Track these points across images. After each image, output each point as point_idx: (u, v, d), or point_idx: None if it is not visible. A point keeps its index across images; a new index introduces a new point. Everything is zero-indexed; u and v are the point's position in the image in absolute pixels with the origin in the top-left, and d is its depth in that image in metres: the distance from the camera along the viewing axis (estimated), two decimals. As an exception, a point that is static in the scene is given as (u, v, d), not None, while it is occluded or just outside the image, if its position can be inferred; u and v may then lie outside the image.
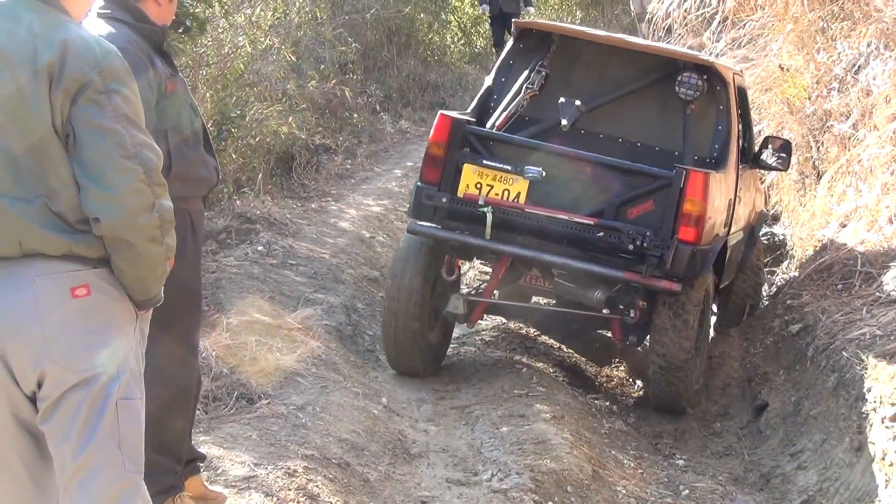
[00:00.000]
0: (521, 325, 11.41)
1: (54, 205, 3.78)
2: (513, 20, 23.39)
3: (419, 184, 9.45)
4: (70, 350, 3.82)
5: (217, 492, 6.25)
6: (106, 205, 3.74)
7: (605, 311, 9.52)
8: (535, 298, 10.73)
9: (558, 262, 9.22)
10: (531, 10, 24.33)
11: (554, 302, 10.29)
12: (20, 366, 3.82)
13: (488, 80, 10.40)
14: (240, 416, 8.09)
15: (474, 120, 9.78)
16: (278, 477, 6.88)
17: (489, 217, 9.06)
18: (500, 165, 9.17)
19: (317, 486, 6.96)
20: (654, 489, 8.32)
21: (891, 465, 7.61)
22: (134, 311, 4.00)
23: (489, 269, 10.64)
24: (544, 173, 9.06)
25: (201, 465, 6.27)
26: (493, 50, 23.91)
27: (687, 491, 8.31)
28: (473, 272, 11.61)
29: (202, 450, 6.47)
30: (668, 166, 9.22)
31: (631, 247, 8.90)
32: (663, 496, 8.21)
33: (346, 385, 9.10)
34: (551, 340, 11.39)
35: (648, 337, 9.61)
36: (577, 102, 9.71)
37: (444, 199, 9.23)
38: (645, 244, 8.86)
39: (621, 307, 9.42)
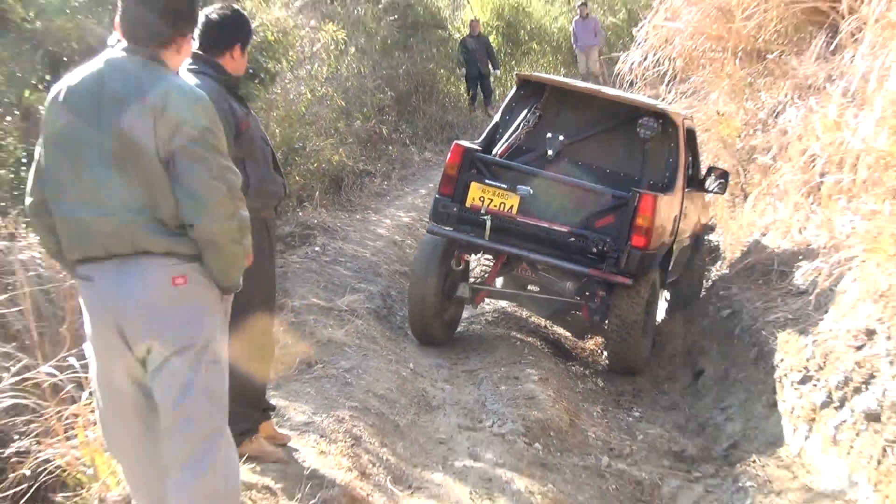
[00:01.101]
0: (515, 307, 11.46)
1: (158, 214, 3.89)
2: (493, 74, 23.80)
3: (437, 196, 9.73)
4: (171, 325, 3.95)
5: (284, 433, 6.33)
6: (198, 214, 3.86)
7: (575, 298, 9.89)
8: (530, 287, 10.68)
9: (540, 260, 9.45)
10: (497, 72, 24.51)
11: (538, 289, 10.40)
12: (133, 337, 3.94)
13: (496, 118, 10.52)
14: (301, 376, 8.13)
15: (481, 149, 9.94)
16: (330, 423, 6.94)
17: (488, 223, 9.32)
18: (498, 184, 9.40)
19: (359, 430, 7.02)
20: (616, 434, 8.36)
21: (797, 417, 7.65)
22: (220, 295, 4.10)
23: (490, 264, 10.73)
24: (532, 191, 9.31)
25: (272, 413, 6.33)
26: (468, 102, 23.99)
27: (642, 436, 8.34)
28: (479, 267, 11.58)
29: (273, 401, 6.53)
30: (628, 189, 9.35)
31: (595, 250, 9.22)
32: (623, 440, 8.24)
33: (382, 353, 9.13)
34: (539, 320, 11.46)
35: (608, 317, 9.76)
36: (561, 137, 10.04)
37: (455, 208, 9.52)
38: (605, 248, 9.18)
39: (587, 294, 9.71)
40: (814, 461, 7.18)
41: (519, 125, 10.24)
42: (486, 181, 9.45)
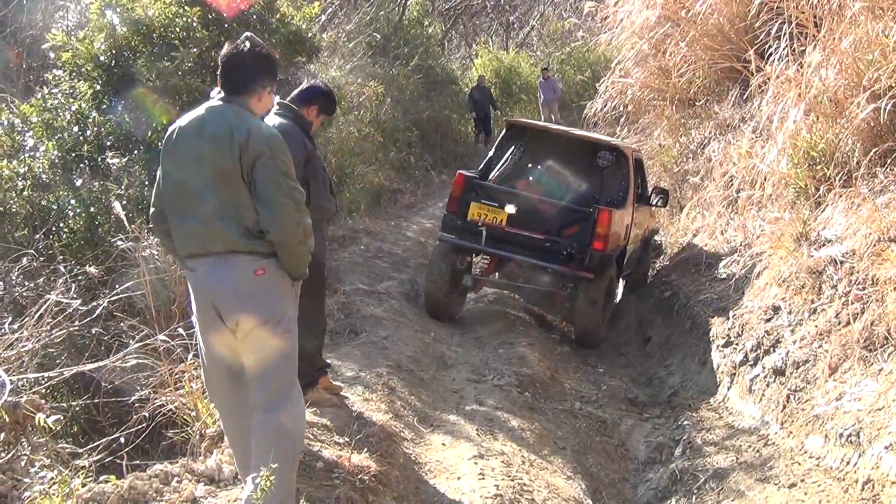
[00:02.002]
0: (508, 293, 11.36)
1: (243, 222, 3.92)
2: (493, 115, 23.75)
3: (446, 212, 9.75)
4: (255, 305, 3.96)
5: (337, 384, 6.28)
6: (273, 223, 3.90)
7: (550, 288, 9.99)
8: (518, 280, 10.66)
9: (524, 260, 9.44)
10: (497, 112, 24.35)
11: (522, 280, 10.44)
12: (225, 313, 3.96)
13: (490, 153, 10.45)
14: (350, 342, 8.08)
15: (479, 176, 9.89)
16: (371, 377, 6.89)
17: (484, 232, 9.28)
18: (491, 203, 9.33)
19: (393, 382, 6.97)
20: (586, 385, 8.29)
21: (722, 372, 7.58)
22: (291, 282, 4.10)
23: (487, 262, 10.64)
24: (515, 208, 9.22)
25: (328, 370, 6.28)
26: (475, 139, 23.94)
27: (605, 387, 8.27)
28: (479, 263, 11.47)
29: (328, 360, 6.47)
30: (591, 205, 9.30)
31: (565, 252, 9.17)
32: (591, 389, 8.18)
33: (410, 325, 9.05)
34: (526, 302, 11.36)
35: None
36: (539, 167, 10.08)
37: (458, 222, 9.49)
38: (573, 251, 9.13)
39: (560, 285, 9.78)
40: (735, 406, 7.10)
41: (507, 158, 10.13)
42: (482, 200, 9.39)
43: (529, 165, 10.14)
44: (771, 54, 9.84)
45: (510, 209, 9.26)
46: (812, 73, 8.31)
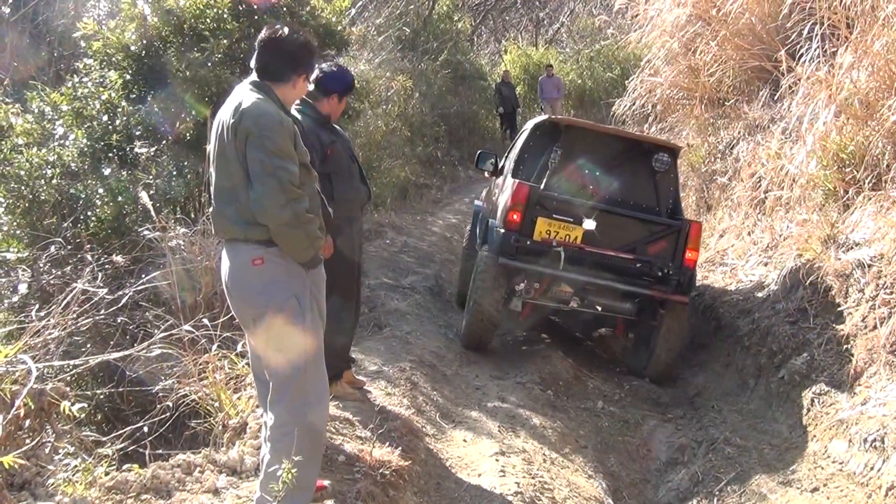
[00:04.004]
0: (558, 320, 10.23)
1: (240, 207, 3.86)
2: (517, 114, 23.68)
3: (502, 230, 8.02)
4: (250, 296, 3.93)
5: (360, 379, 6.30)
6: (255, 203, 3.79)
7: (627, 315, 8.47)
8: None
9: (609, 286, 8.03)
10: (519, 109, 24.26)
11: (576, 305, 8.42)
12: (231, 300, 4.03)
13: (514, 154, 9.16)
14: (374, 336, 8.10)
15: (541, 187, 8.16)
16: (394, 372, 6.89)
17: (562, 254, 7.82)
18: (565, 218, 7.94)
19: (416, 377, 6.97)
20: (609, 385, 8.22)
21: (746, 374, 7.54)
22: (302, 270, 3.96)
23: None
24: (595, 224, 7.90)
25: (353, 364, 6.28)
26: (502, 134, 23.82)
27: (628, 386, 8.19)
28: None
29: (353, 355, 6.47)
30: (673, 217, 8.26)
31: (660, 273, 7.96)
32: (614, 389, 8.11)
33: (434, 320, 9.07)
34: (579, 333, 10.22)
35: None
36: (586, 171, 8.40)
37: (526, 242, 7.91)
38: (669, 271, 7.94)
39: (643, 312, 8.36)
40: (758, 408, 7.06)
41: (548, 162, 8.31)
42: (554, 216, 7.93)
43: (582, 171, 8.41)
44: (802, 55, 9.75)
45: (588, 225, 7.92)
46: (843, 74, 8.23)
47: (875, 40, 7.86)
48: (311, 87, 5.31)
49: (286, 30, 4.04)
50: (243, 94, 3.90)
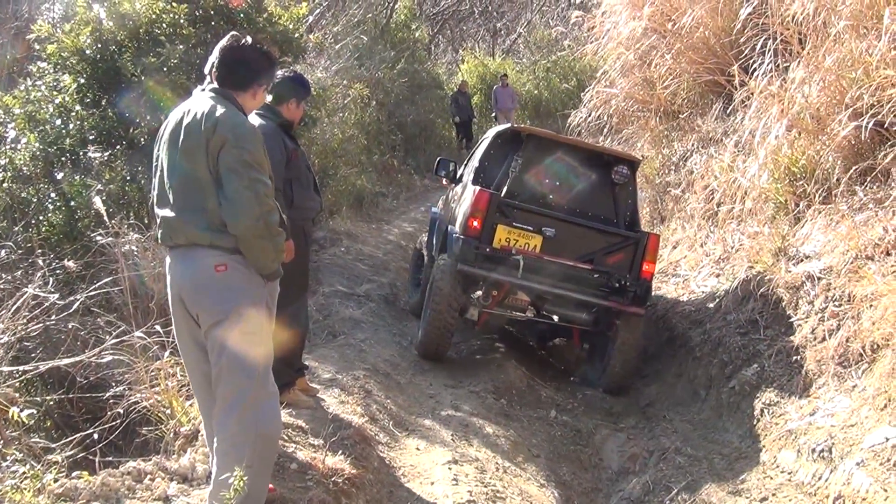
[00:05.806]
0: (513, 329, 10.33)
1: (207, 215, 3.83)
2: (471, 124, 23.77)
3: (462, 237, 7.98)
4: (211, 302, 3.88)
5: (314, 387, 6.29)
6: (229, 214, 3.78)
7: (584, 326, 8.51)
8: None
9: (566, 295, 8.05)
10: (475, 119, 24.44)
11: (531, 315, 8.60)
12: (189, 307, 3.94)
13: (474, 162, 9.06)
14: (327, 344, 8.09)
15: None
16: (348, 380, 6.89)
17: (521, 262, 7.84)
18: (524, 226, 7.97)
19: (370, 385, 6.97)
20: (561, 395, 8.27)
21: (697, 384, 7.63)
22: (261, 281, 3.96)
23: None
24: (554, 232, 7.96)
25: (306, 371, 6.27)
26: (458, 144, 23.90)
27: (581, 396, 8.26)
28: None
29: (307, 362, 6.47)
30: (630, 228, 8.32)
31: (617, 285, 8.01)
32: (567, 399, 8.17)
33: (389, 328, 9.07)
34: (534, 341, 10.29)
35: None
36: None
37: (485, 248, 7.91)
38: (626, 283, 7.99)
39: (599, 323, 8.41)
40: (709, 418, 7.14)
41: (507, 171, 8.36)
42: (514, 224, 7.96)
43: (542, 180, 8.46)
44: (755, 69, 9.90)
45: (548, 233, 7.98)
46: (795, 89, 8.37)
47: (826, 56, 8.00)
48: (269, 97, 5.36)
49: (249, 39, 4.05)
50: (209, 101, 3.89)
